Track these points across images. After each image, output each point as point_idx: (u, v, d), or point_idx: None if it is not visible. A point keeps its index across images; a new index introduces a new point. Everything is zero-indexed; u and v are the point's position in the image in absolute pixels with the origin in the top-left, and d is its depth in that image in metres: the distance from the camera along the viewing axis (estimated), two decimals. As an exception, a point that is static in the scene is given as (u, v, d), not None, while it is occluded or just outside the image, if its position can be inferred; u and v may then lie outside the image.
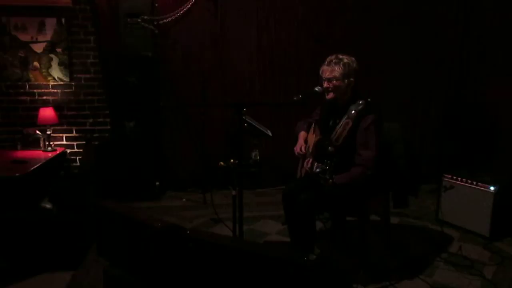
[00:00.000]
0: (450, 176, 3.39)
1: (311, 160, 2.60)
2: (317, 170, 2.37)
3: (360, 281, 2.51)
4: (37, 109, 4.13)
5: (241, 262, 1.39)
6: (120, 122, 4.11)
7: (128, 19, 3.93)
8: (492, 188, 3.09)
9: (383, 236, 3.02)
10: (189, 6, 4.15)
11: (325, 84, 2.54)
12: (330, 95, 2.56)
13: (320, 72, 2.57)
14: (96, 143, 4.40)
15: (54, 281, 2.61)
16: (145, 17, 3.95)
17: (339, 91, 2.53)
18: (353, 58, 2.55)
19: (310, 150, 2.67)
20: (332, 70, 2.50)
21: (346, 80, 2.51)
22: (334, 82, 2.50)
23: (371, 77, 4.17)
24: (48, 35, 4.22)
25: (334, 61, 2.51)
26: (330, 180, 2.27)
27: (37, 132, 4.16)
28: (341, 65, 2.48)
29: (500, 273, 2.69)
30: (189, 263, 1.53)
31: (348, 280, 2.55)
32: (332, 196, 2.50)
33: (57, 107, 4.27)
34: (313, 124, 2.82)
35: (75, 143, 4.42)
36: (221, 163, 2.73)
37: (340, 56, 2.52)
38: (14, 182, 3.11)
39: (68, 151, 4.41)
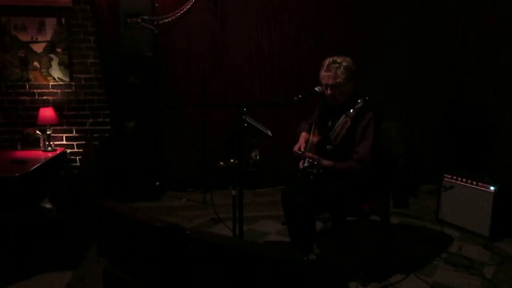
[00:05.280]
0: (450, 176, 3.39)
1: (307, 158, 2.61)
2: (305, 164, 2.37)
3: (360, 281, 2.51)
4: (37, 109, 4.13)
5: (241, 262, 1.39)
6: (120, 122, 4.11)
7: (128, 19, 3.94)
8: (492, 188, 3.09)
9: (383, 236, 3.02)
10: (189, 6, 4.15)
11: (329, 91, 2.51)
12: (334, 101, 2.55)
13: (320, 77, 2.54)
14: (96, 143, 4.40)
15: (54, 281, 2.61)
16: (145, 17, 3.95)
17: (343, 95, 2.52)
18: (350, 59, 2.53)
19: (308, 149, 2.67)
20: (335, 76, 2.46)
21: (349, 84, 2.51)
22: (340, 88, 2.49)
23: (371, 77, 4.17)
24: (48, 35, 4.22)
25: (334, 65, 2.47)
26: (320, 170, 2.33)
27: (37, 132, 4.16)
28: (342, 69, 2.46)
29: (500, 273, 2.69)
30: (189, 263, 1.53)
31: (347, 280, 2.55)
32: (331, 196, 2.51)
33: (57, 107, 4.27)
34: (313, 124, 2.82)
35: (75, 143, 4.42)
36: (221, 163, 2.73)
37: (338, 60, 2.49)
38: (14, 182, 3.11)
39: (68, 151, 4.41)
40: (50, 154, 3.95)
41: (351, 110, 2.50)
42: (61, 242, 2.89)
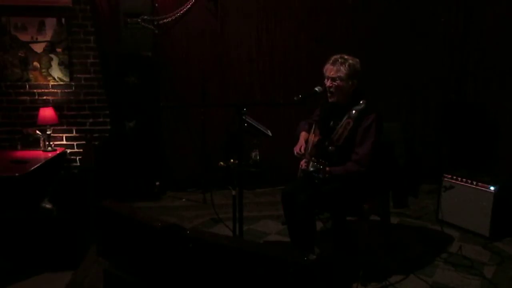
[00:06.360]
0: (450, 176, 3.39)
1: (308, 159, 2.61)
2: (311, 169, 2.38)
3: (360, 281, 2.51)
4: (37, 109, 4.13)
5: (241, 262, 1.39)
6: (120, 122, 4.11)
7: (128, 19, 3.93)
8: (492, 188, 3.09)
9: (383, 236, 3.02)
10: (189, 6, 4.15)
11: (328, 83, 2.54)
12: (332, 99, 2.56)
13: (324, 70, 2.57)
14: (96, 143, 4.40)
15: (54, 281, 2.61)
16: (145, 17, 3.95)
17: (342, 92, 2.53)
18: (357, 60, 2.56)
19: (309, 150, 2.67)
20: (337, 70, 2.49)
21: (350, 82, 2.51)
22: (338, 82, 2.50)
23: (371, 77, 4.17)
24: (48, 35, 4.22)
25: (339, 60, 2.50)
26: (327, 174, 2.32)
27: (37, 132, 4.16)
28: (346, 66, 2.48)
29: (500, 273, 2.69)
30: (189, 263, 1.53)
31: (347, 280, 2.55)
32: (331, 196, 2.51)
33: (57, 107, 4.27)
34: (314, 124, 2.82)
35: (75, 143, 4.42)
36: (221, 163, 2.73)
37: (346, 57, 2.52)
38: (14, 182, 3.11)
39: (68, 151, 4.41)
40: (50, 154, 3.95)
41: (354, 111, 2.50)
42: (61, 242, 2.89)
